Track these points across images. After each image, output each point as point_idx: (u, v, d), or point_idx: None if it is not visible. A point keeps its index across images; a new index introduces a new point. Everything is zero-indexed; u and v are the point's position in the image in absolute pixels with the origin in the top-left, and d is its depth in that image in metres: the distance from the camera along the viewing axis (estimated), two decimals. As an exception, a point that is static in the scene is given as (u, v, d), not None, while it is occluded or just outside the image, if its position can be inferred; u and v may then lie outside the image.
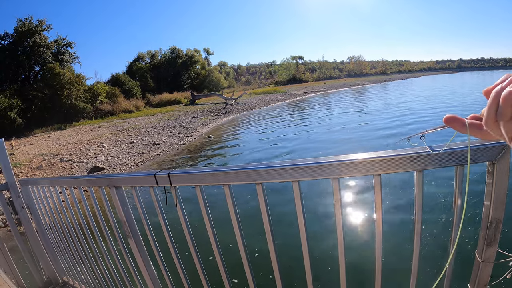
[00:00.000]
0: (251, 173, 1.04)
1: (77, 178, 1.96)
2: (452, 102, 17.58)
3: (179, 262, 1.49)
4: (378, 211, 0.94)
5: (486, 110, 0.44)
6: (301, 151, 9.15)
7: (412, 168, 0.83)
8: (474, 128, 0.48)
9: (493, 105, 0.42)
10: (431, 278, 2.57)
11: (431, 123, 11.37)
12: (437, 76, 69.63)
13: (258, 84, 60.01)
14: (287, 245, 3.28)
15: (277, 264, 1.17)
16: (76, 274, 2.33)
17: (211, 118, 18.96)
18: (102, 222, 1.79)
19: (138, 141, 12.51)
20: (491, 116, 0.43)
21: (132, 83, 33.98)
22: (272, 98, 30.30)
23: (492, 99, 0.42)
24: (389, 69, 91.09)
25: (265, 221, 1.10)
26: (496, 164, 0.77)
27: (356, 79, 61.98)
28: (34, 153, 11.58)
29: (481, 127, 0.47)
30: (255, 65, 78.36)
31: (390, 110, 15.94)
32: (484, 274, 0.88)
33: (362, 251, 3.35)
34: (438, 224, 3.68)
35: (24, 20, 24.92)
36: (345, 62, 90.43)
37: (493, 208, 0.81)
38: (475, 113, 0.49)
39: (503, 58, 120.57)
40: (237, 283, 2.55)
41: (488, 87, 0.45)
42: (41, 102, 22.28)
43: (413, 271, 0.98)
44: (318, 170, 0.92)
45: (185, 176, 1.22)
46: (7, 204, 2.29)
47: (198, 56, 49.00)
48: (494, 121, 0.42)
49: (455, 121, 0.49)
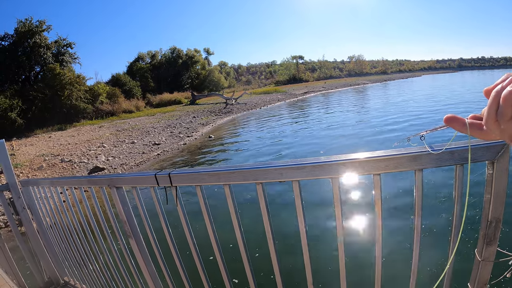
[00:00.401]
0: (251, 173, 1.04)
1: (78, 178, 1.96)
2: (450, 100, 17.58)
3: (180, 262, 1.49)
4: (378, 210, 0.94)
5: (487, 110, 0.43)
6: (301, 150, 9.17)
7: (412, 168, 0.83)
8: (475, 128, 0.47)
9: (494, 104, 0.42)
10: (431, 277, 2.57)
11: (429, 120, 11.39)
12: (438, 75, 69.56)
13: (259, 84, 59.99)
14: (288, 244, 3.28)
15: (278, 264, 1.17)
16: (77, 274, 2.34)
17: (212, 118, 18.96)
18: (103, 222, 1.79)
19: (138, 141, 12.52)
20: (492, 116, 0.42)
21: (133, 83, 33.99)
22: (272, 98, 30.29)
23: (493, 98, 0.42)
24: (389, 68, 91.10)
25: (265, 220, 1.10)
26: (496, 163, 0.77)
27: (357, 79, 61.95)
28: (34, 154, 11.59)
29: (481, 127, 0.46)
30: (255, 65, 78.36)
31: (389, 108, 15.95)
32: (484, 273, 0.88)
33: (362, 250, 3.35)
34: (438, 223, 3.68)
35: (24, 20, 24.96)
36: (346, 62, 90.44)
37: (493, 207, 0.81)
38: (476, 113, 0.49)
39: (504, 57, 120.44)
40: (238, 282, 2.55)
41: (488, 87, 0.45)
42: (41, 102, 22.30)
43: (413, 270, 0.98)
44: (317, 170, 0.93)
45: (186, 176, 1.22)
46: (8, 204, 2.30)
47: (198, 56, 49.01)
48: (494, 121, 0.42)
49: (455, 121, 0.49)
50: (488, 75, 48.12)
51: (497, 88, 0.42)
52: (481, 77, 45.88)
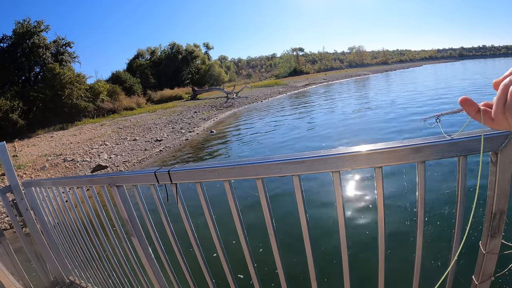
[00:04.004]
0: (250, 168, 1.03)
1: (79, 178, 1.95)
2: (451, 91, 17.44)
3: (183, 259, 1.49)
4: (380, 203, 0.92)
5: (495, 102, 0.43)
6: (303, 141, 9.16)
7: (414, 160, 0.82)
8: (487, 116, 0.47)
9: (502, 97, 0.42)
10: (436, 269, 2.56)
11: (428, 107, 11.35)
12: (438, 65, 69.06)
13: (259, 77, 59.87)
14: (291, 239, 3.29)
15: (280, 259, 1.16)
16: (82, 274, 2.35)
17: (213, 112, 18.92)
18: (105, 221, 1.80)
19: (140, 138, 12.53)
20: (500, 108, 0.42)
21: (133, 80, 33.96)
22: (273, 91, 30.19)
23: (501, 91, 0.42)
24: (390, 58, 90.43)
25: (267, 216, 1.09)
26: (500, 154, 0.75)
27: (357, 70, 61.66)
28: (37, 154, 11.63)
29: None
30: (256, 58, 78.10)
31: (393, 97, 15.87)
32: (488, 265, 0.87)
33: (365, 243, 3.35)
34: (443, 216, 3.65)
35: (22, 21, 24.91)
36: (346, 53, 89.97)
37: (497, 199, 0.79)
38: (488, 100, 0.48)
39: (505, 45, 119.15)
40: (243, 278, 2.55)
41: (497, 79, 0.44)
42: (42, 103, 22.31)
43: (417, 263, 0.96)
44: (317, 164, 0.91)
45: (185, 173, 1.21)
46: (11, 206, 2.31)
47: (198, 51, 48.87)
48: (503, 113, 0.42)
49: (470, 105, 0.48)
50: (489, 65, 47.19)
51: (505, 81, 0.42)
52: (482, 66, 45.15)
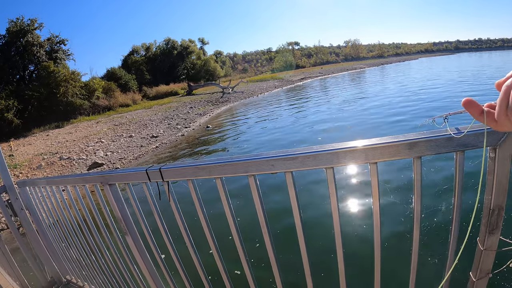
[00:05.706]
0: (242, 165, 1.01)
1: (72, 177, 1.93)
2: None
3: (176, 256, 1.49)
4: (375, 200, 0.91)
5: (498, 104, 0.43)
6: (298, 134, 9.17)
7: (410, 155, 0.80)
8: (491, 117, 0.46)
9: (504, 99, 0.41)
10: (432, 267, 2.56)
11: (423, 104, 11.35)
12: (434, 58, 69.12)
13: (255, 71, 59.65)
14: (286, 235, 3.29)
15: (274, 255, 1.15)
16: (78, 273, 2.34)
17: (209, 108, 18.86)
18: (99, 220, 1.78)
19: (136, 135, 12.47)
20: (503, 110, 0.42)
21: (128, 77, 33.75)
22: (269, 85, 30.12)
23: (503, 94, 0.42)
24: (386, 52, 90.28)
25: (260, 213, 1.08)
26: (498, 149, 0.74)
27: (353, 63, 61.60)
28: (33, 153, 11.55)
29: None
30: (251, 53, 77.61)
31: (387, 90, 15.88)
32: (486, 262, 0.85)
33: (360, 240, 3.35)
34: (439, 212, 3.66)
35: (16, 20, 24.65)
36: (342, 46, 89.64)
37: (495, 194, 0.78)
38: (491, 101, 0.48)
39: (501, 38, 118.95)
40: (240, 274, 2.54)
41: (500, 80, 0.44)
42: (37, 101, 22.18)
43: (413, 259, 0.95)
44: (310, 160, 0.89)
45: (177, 171, 1.19)
46: (6, 206, 2.28)
47: (193, 46, 48.51)
48: (505, 115, 0.42)
49: (473, 106, 0.47)
50: (485, 58, 47.10)
51: (508, 83, 0.41)
52: (477, 58, 45.13)
